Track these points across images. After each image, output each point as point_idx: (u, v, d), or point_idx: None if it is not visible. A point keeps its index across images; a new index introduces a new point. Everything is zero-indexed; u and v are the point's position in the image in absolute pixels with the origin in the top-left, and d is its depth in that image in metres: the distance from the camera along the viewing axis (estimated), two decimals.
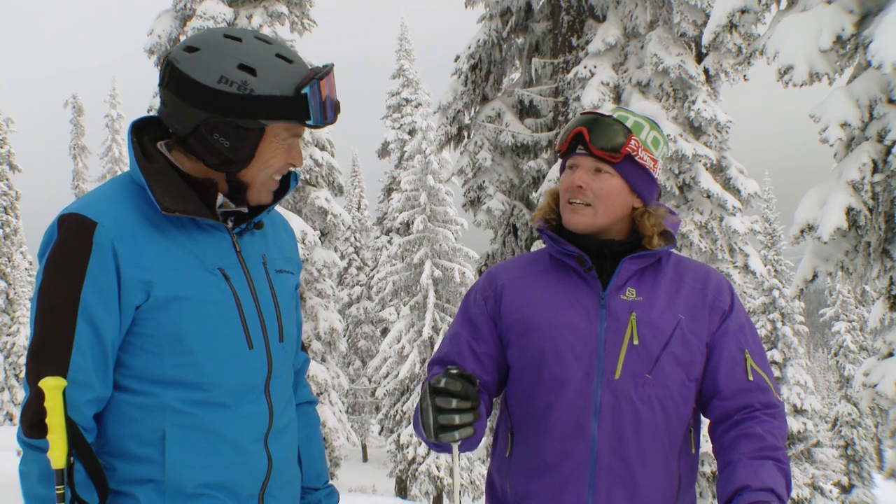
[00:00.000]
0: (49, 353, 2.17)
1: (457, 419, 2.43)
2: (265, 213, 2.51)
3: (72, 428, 2.10)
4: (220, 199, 2.40)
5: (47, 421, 2.07)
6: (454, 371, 2.45)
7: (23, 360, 40.61)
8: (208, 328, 2.29)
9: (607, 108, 12.86)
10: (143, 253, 2.23)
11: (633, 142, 2.72)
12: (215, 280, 2.33)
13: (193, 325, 2.26)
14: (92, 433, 2.23)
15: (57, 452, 2.06)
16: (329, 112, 2.33)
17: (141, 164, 2.29)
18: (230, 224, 2.44)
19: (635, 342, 2.68)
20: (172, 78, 2.28)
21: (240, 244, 2.43)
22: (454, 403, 2.42)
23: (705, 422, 2.89)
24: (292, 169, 2.47)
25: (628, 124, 2.76)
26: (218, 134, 2.27)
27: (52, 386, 2.06)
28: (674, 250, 2.90)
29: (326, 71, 2.32)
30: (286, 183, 2.52)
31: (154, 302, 2.22)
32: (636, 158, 2.74)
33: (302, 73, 2.30)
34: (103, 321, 2.19)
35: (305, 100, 2.26)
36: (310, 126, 2.32)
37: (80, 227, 2.19)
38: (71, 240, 2.19)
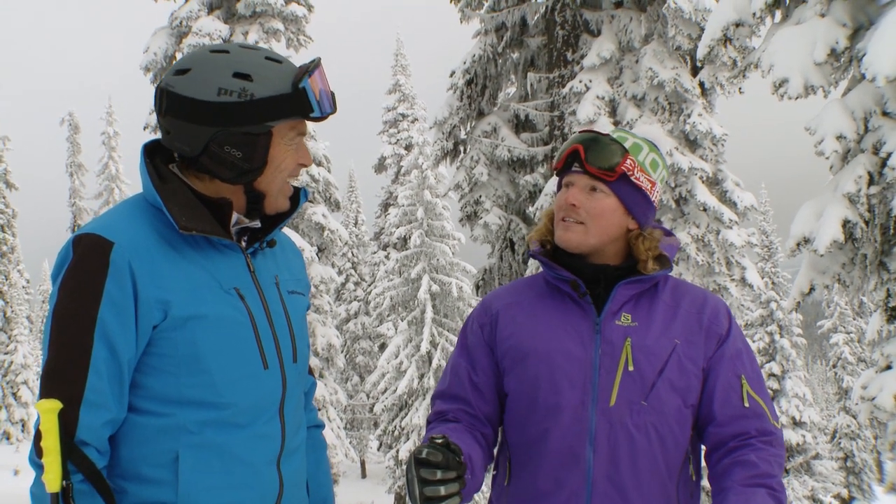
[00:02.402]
0: (65, 373, 2.14)
1: (442, 490, 2.35)
2: (277, 230, 2.50)
3: (74, 451, 2.09)
4: (235, 217, 2.40)
5: (42, 444, 2.04)
6: (439, 440, 2.38)
7: (20, 379, 40.53)
8: (225, 347, 2.27)
9: (604, 123, 12.84)
10: (160, 272, 2.22)
11: (629, 161, 2.69)
12: (231, 300, 2.32)
13: (210, 345, 2.24)
14: (106, 456, 2.20)
15: (51, 476, 2.03)
16: (327, 103, 2.36)
17: (156, 185, 2.29)
18: (243, 244, 2.44)
19: (630, 368, 2.63)
20: (171, 103, 2.29)
21: (253, 264, 2.43)
22: (439, 475, 2.35)
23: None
24: (305, 176, 2.45)
25: (627, 145, 2.73)
26: (229, 146, 2.27)
27: (47, 408, 2.03)
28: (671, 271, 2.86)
29: (316, 64, 2.35)
30: (296, 197, 2.52)
31: (171, 321, 2.21)
32: (632, 179, 2.71)
33: (294, 71, 2.33)
34: (120, 341, 2.17)
35: (305, 93, 2.29)
36: (314, 119, 2.34)
37: (96, 247, 2.18)
38: (87, 260, 2.17)
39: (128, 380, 2.22)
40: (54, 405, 2.05)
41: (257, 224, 2.47)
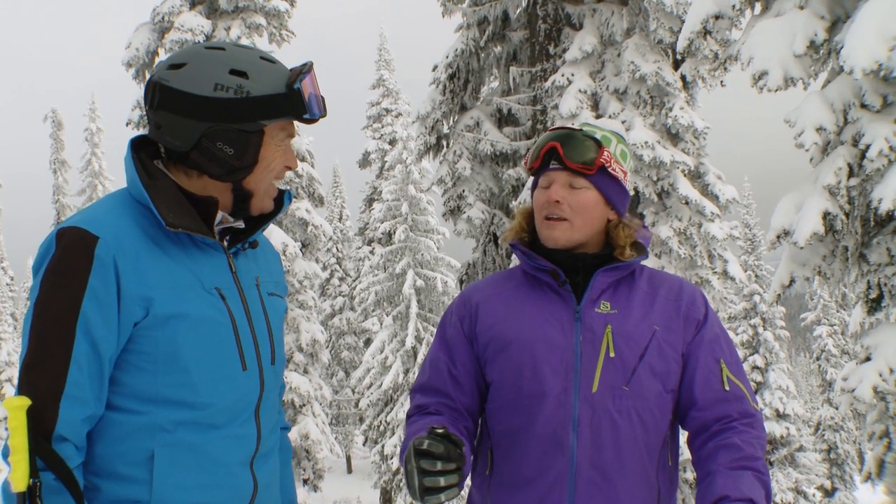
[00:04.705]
0: (46, 366, 2.12)
1: (442, 481, 2.37)
2: (260, 232, 2.50)
3: (45, 449, 2.06)
4: (219, 216, 2.39)
5: (9, 442, 2.02)
6: (439, 431, 2.40)
7: (4, 376, 40.35)
8: (205, 347, 2.27)
9: (586, 117, 12.84)
10: (144, 269, 2.21)
11: (605, 154, 2.73)
12: (212, 300, 2.32)
13: (190, 344, 2.25)
14: (83, 452, 2.18)
15: (18, 475, 1.99)
16: (317, 106, 2.37)
17: (144, 181, 2.27)
18: (225, 244, 2.43)
19: (611, 354, 2.67)
20: (165, 97, 2.28)
21: (235, 265, 2.43)
22: (439, 466, 2.36)
23: (683, 432, 2.88)
24: (289, 172, 2.46)
25: (597, 137, 2.77)
26: (221, 142, 2.27)
27: (15, 406, 2.00)
28: (649, 263, 2.89)
29: (308, 68, 2.36)
30: (280, 199, 2.52)
31: (153, 319, 2.21)
32: (609, 170, 2.75)
33: (287, 72, 2.35)
34: (102, 337, 2.16)
35: (299, 95, 2.30)
36: (306, 121, 2.35)
37: (81, 241, 2.16)
38: (71, 253, 2.15)
39: (107, 376, 2.21)
40: (23, 402, 2.01)
41: (241, 224, 2.47)
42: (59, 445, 2.11)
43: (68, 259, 2.16)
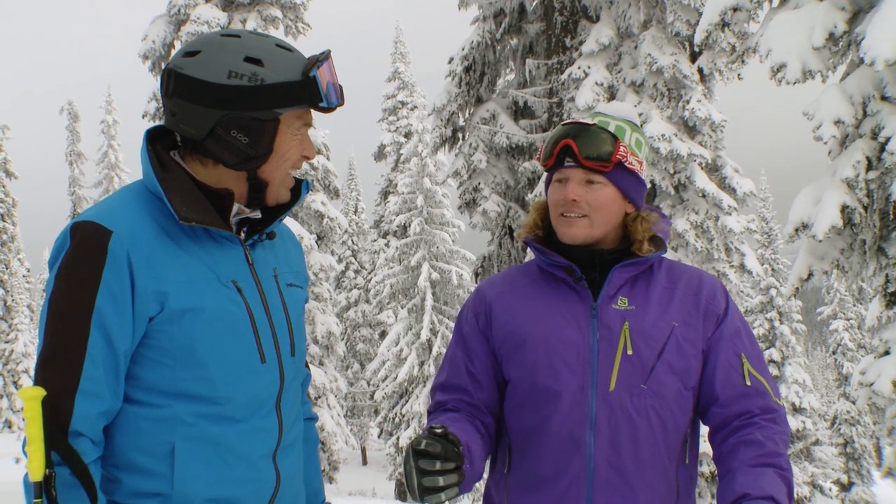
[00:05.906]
0: (60, 362, 2.12)
1: (441, 481, 2.33)
2: (277, 222, 2.48)
3: (61, 443, 2.06)
4: (235, 207, 2.37)
5: (26, 432, 2.01)
6: (438, 430, 2.35)
7: (21, 367, 40.57)
8: (222, 341, 2.26)
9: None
10: (158, 263, 2.19)
11: (621, 148, 2.67)
12: (229, 293, 2.30)
13: (207, 338, 2.23)
14: (100, 446, 2.18)
15: (34, 465, 1.99)
16: (335, 94, 2.34)
17: (157, 173, 2.26)
18: (242, 236, 2.42)
19: (629, 352, 2.62)
20: (179, 84, 2.26)
21: (252, 257, 2.41)
22: (438, 465, 2.31)
23: (703, 427, 2.83)
24: (304, 165, 2.42)
25: (611, 129, 2.71)
26: (235, 130, 2.24)
27: (30, 396, 1.99)
28: (667, 254, 2.83)
29: (326, 56, 2.33)
30: (297, 190, 2.50)
31: (168, 313, 2.19)
32: (626, 165, 2.69)
33: (304, 60, 2.31)
34: (116, 331, 2.15)
35: (315, 83, 2.26)
36: (322, 109, 2.32)
37: (94, 236, 2.15)
38: (85, 248, 2.14)
39: (123, 370, 2.20)
40: (38, 392, 2.01)
41: (258, 215, 2.44)
42: (76, 440, 2.10)
43: (82, 254, 2.15)
